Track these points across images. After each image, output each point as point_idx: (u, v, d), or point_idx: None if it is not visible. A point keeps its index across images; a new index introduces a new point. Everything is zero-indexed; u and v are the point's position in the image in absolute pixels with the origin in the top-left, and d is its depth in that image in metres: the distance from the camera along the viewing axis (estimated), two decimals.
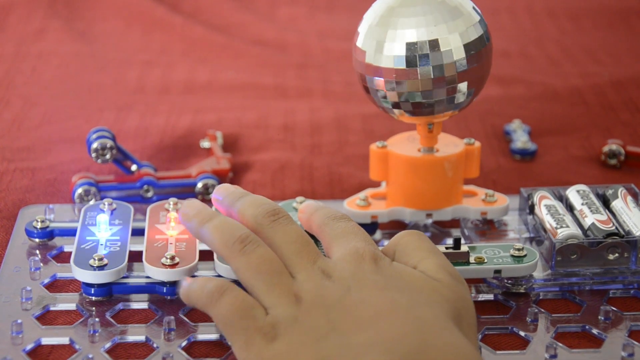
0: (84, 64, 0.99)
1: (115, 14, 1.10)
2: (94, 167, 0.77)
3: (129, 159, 0.74)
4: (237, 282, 0.54)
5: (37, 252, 0.66)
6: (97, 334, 0.57)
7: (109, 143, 0.72)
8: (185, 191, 0.74)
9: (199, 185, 0.73)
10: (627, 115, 0.88)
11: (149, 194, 0.73)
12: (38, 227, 0.66)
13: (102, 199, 0.72)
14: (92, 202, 0.70)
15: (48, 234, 0.66)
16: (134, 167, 0.75)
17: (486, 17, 0.65)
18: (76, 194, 0.72)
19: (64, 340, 0.57)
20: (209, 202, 0.73)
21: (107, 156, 0.72)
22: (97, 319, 0.58)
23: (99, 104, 0.91)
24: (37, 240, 0.66)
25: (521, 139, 0.81)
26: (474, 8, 0.63)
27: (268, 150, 0.82)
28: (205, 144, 0.81)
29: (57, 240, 0.67)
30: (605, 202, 0.67)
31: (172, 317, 0.58)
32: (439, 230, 0.69)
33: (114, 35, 1.07)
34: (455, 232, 0.69)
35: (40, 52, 1.01)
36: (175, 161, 0.80)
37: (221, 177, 0.75)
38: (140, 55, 1.02)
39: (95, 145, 0.72)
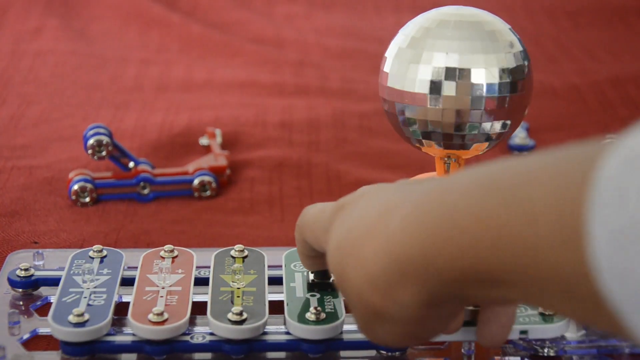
0: (81, 62, 0.99)
1: (113, 12, 1.10)
2: (91, 165, 0.77)
3: (126, 155, 0.74)
4: None
5: (21, 303, 0.58)
6: None
7: (105, 139, 0.72)
8: (181, 188, 0.73)
9: (196, 182, 0.73)
10: (625, 111, 0.88)
11: (146, 191, 0.73)
12: (21, 275, 0.59)
13: (98, 196, 0.72)
14: (80, 251, 0.61)
15: (32, 283, 0.59)
16: (131, 164, 0.74)
17: None
18: (72, 191, 0.71)
19: None
20: (205, 199, 0.73)
21: (103, 152, 0.72)
22: None
23: (97, 102, 0.91)
24: (20, 290, 0.59)
25: (519, 135, 0.81)
26: (518, 39, 0.58)
27: (266, 147, 0.82)
28: (204, 141, 0.81)
29: (43, 290, 0.59)
30: None
31: None
32: None
33: (111, 33, 1.07)
34: None
35: (38, 50, 1.01)
36: (174, 159, 0.80)
37: (218, 174, 0.75)
38: (138, 54, 1.01)
39: (91, 141, 0.71)
